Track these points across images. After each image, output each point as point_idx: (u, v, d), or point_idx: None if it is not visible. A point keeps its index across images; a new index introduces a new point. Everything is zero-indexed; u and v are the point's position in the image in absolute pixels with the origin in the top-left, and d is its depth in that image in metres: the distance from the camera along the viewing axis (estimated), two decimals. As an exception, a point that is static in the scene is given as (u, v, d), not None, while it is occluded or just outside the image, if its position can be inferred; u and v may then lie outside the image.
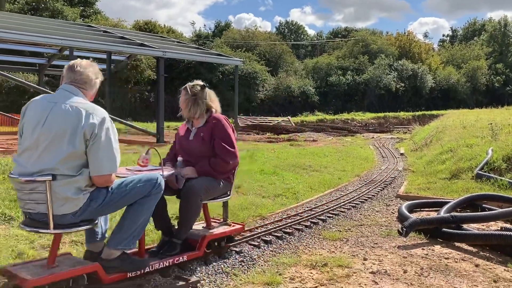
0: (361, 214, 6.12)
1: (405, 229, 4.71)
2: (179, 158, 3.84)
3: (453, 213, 5.13)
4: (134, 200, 3.10)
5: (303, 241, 4.76)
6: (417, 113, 39.60)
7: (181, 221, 3.70)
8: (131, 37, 17.02)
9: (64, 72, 3.03)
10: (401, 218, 5.44)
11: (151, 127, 18.90)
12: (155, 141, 14.61)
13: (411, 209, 5.97)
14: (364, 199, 7.10)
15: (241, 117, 28.65)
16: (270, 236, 4.73)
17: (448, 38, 75.84)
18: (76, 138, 2.79)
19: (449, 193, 7.24)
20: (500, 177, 7.51)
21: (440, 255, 4.28)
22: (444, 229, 4.81)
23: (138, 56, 27.38)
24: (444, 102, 47.40)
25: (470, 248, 4.49)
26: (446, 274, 3.77)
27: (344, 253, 4.35)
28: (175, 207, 3.85)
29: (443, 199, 6.57)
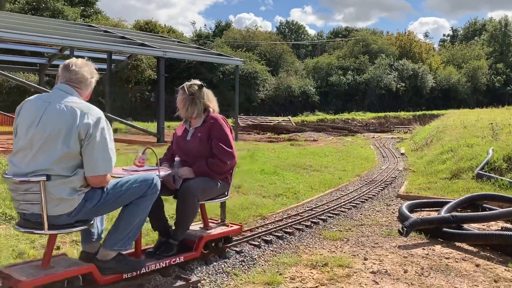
0: (361, 214, 6.12)
1: (405, 229, 4.71)
2: (177, 158, 3.81)
3: (453, 213, 5.13)
4: (129, 201, 3.06)
5: (303, 241, 4.76)
6: (417, 113, 39.55)
7: (178, 221, 3.66)
8: (131, 37, 17.04)
9: (59, 71, 2.99)
10: (402, 218, 5.44)
11: (152, 127, 18.91)
12: (156, 141, 14.62)
13: (412, 209, 5.97)
14: (364, 199, 7.10)
15: (241, 117, 28.65)
16: (271, 236, 4.73)
17: (449, 38, 75.77)
18: (70, 138, 2.75)
19: (449, 193, 7.24)
20: (501, 177, 7.51)
21: (440, 255, 4.28)
22: (444, 229, 4.81)
23: (139, 56, 27.39)
24: (445, 102, 47.36)
25: (471, 248, 4.49)
26: (447, 274, 3.77)
27: (344, 253, 4.35)
28: (172, 207, 3.83)
29: (443, 199, 6.57)
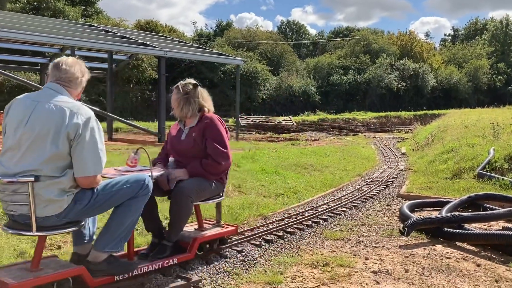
0: (362, 214, 6.12)
1: (406, 228, 4.71)
2: (171, 159, 3.76)
3: (454, 213, 5.13)
4: (121, 202, 3.00)
5: (304, 240, 4.76)
6: (418, 112, 39.52)
7: (172, 223, 3.60)
8: (132, 36, 17.04)
9: (49, 70, 2.94)
10: (403, 217, 5.44)
11: (153, 126, 18.94)
12: (157, 141, 14.63)
13: (413, 208, 5.96)
14: (365, 198, 7.10)
15: (242, 116, 28.66)
16: (272, 236, 4.73)
17: (450, 37, 75.64)
18: (59, 139, 2.70)
19: (450, 192, 7.24)
20: (502, 177, 7.50)
21: (441, 254, 4.27)
22: (445, 228, 4.80)
23: (140, 56, 27.38)
24: (446, 102, 47.31)
25: (472, 248, 4.49)
26: (448, 274, 3.77)
27: (345, 252, 4.35)
28: (167, 208, 3.79)
29: (444, 198, 6.57)
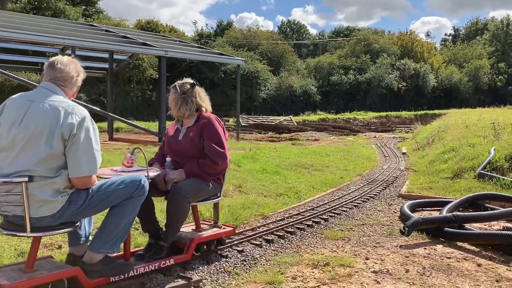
0: (363, 214, 6.12)
1: (407, 228, 4.71)
2: (168, 159, 3.72)
3: (455, 213, 5.12)
4: (116, 202, 2.96)
5: (305, 240, 4.76)
6: (419, 112, 39.50)
7: (168, 223, 3.57)
8: (133, 36, 17.04)
9: (44, 69, 2.90)
10: (403, 217, 5.43)
11: (153, 126, 18.95)
12: (157, 140, 14.63)
13: (413, 208, 5.96)
14: (366, 198, 7.10)
15: (243, 116, 28.66)
16: (272, 235, 4.73)
17: (451, 37, 75.63)
18: (53, 139, 2.67)
19: (451, 192, 7.23)
20: (503, 177, 7.50)
21: (442, 254, 4.27)
22: (446, 228, 4.80)
23: (140, 55, 27.39)
24: (446, 102, 47.30)
25: (472, 248, 4.49)
26: (448, 274, 3.77)
27: (346, 252, 4.35)
28: (164, 208, 3.77)
29: (445, 198, 6.56)
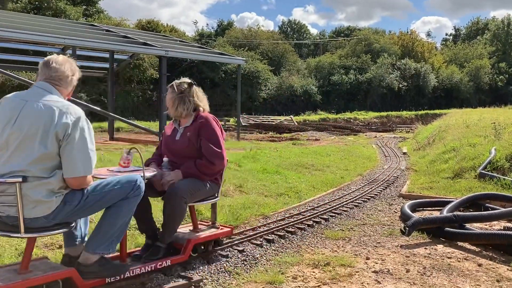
0: (363, 214, 6.12)
1: (407, 228, 4.71)
2: (165, 159, 3.68)
3: (456, 213, 5.12)
4: (112, 203, 2.93)
5: (305, 240, 4.76)
6: (419, 112, 39.46)
7: (165, 224, 3.55)
8: (133, 36, 17.05)
9: (39, 68, 2.88)
10: (404, 217, 5.43)
11: (154, 126, 18.95)
12: (158, 140, 14.64)
13: (414, 208, 5.96)
14: (366, 198, 7.10)
15: (243, 116, 28.65)
16: (273, 235, 4.73)
17: (451, 37, 75.53)
18: (48, 139, 2.64)
19: (452, 192, 7.23)
20: (503, 177, 7.49)
21: (443, 254, 4.27)
22: (447, 228, 4.80)
23: (141, 55, 27.40)
24: (447, 101, 47.25)
25: (473, 248, 4.48)
26: (449, 274, 3.77)
27: (346, 252, 4.35)
28: (161, 208, 3.73)
29: (446, 198, 6.56)
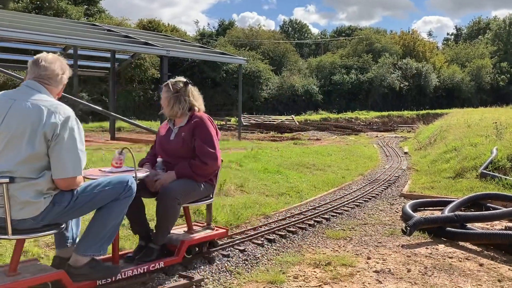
0: (364, 213, 6.12)
1: (409, 228, 4.70)
2: (159, 159, 3.63)
3: (457, 212, 5.11)
4: (102, 204, 2.88)
5: (306, 240, 4.76)
6: (421, 112, 39.44)
7: (158, 225, 3.50)
8: (135, 35, 17.07)
9: (28, 67, 2.80)
10: (405, 217, 5.43)
11: (155, 125, 18.95)
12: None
13: (415, 208, 5.95)
14: (368, 198, 7.10)
15: (244, 115, 28.65)
16: (274, 235, 4.73)
17: (453, 36, 75.43)
18: (35, 139, 2.58)
19: (453, 192, 7.22)
20: (505, 176, 7.48)
21: (444, 254, 4.27)
22: (448, 228, 4.79)
23: (142, 55, 27.43)
24: (449, 101, 47.21)
25: (474, 247, 4.48)
26: (450, 273, 3.76)
27: (347, 252, 4.35)
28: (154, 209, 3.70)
29: (447, 198, 6.56)
